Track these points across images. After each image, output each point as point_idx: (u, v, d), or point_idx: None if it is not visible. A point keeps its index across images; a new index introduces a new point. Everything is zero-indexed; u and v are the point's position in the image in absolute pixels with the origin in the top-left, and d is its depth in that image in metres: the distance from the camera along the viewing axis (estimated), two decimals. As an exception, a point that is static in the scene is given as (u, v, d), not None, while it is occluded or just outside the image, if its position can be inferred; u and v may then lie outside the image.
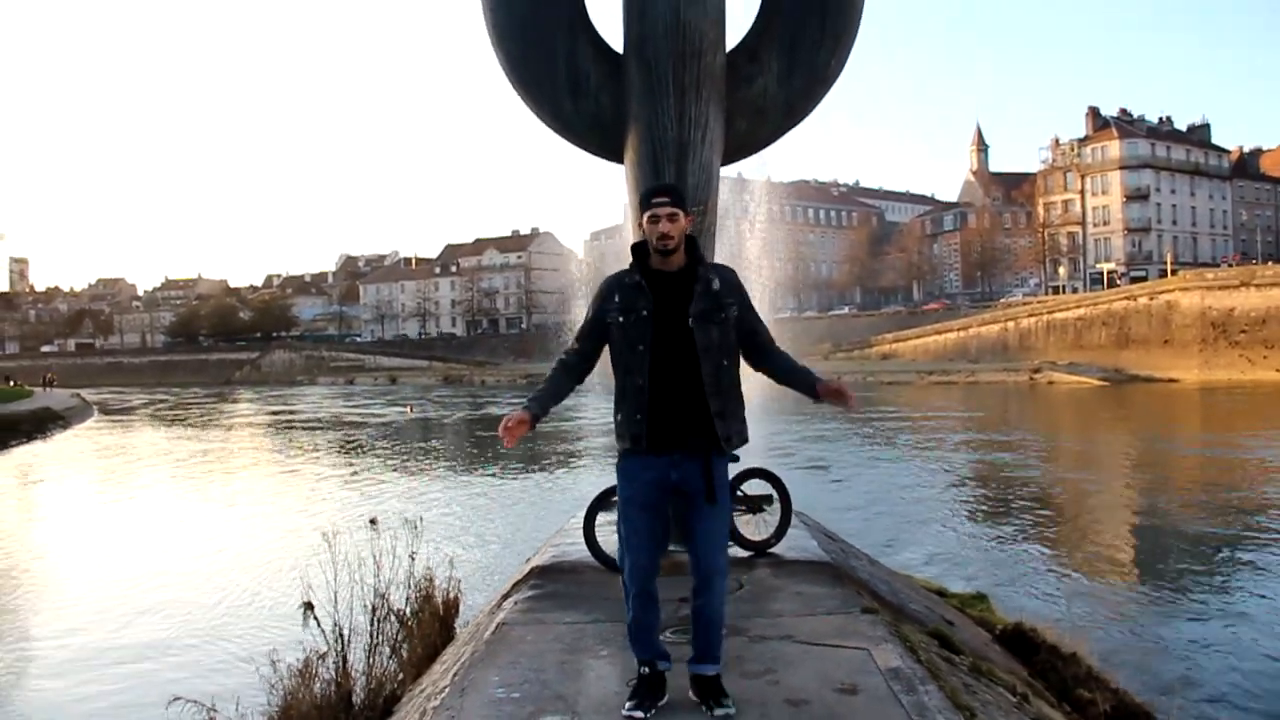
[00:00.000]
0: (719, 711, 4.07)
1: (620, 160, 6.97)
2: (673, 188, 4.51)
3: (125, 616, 12.33)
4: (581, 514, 7.05)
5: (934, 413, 44.10)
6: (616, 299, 4.23)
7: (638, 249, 4.32)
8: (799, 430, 34.12)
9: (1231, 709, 8.45)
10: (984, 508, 20.16)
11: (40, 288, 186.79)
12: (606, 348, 4.38)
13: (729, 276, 4.34)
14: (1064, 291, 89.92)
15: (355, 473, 27.92)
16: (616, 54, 6.92)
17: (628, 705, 4.11)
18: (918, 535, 16.89)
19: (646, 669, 4.21)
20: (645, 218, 4.21)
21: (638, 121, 6.59)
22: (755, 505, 6.91)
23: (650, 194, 4.29)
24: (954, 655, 5.54)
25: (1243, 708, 8.68)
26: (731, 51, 6.91)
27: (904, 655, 4.71)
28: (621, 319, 4.19)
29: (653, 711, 4.10)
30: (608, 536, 6.67)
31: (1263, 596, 12.67)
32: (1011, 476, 24.21)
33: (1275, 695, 9.13)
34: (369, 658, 6.55)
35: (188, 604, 12.80)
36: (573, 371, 4.41)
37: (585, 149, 7.20)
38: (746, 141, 7.12)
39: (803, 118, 7.15)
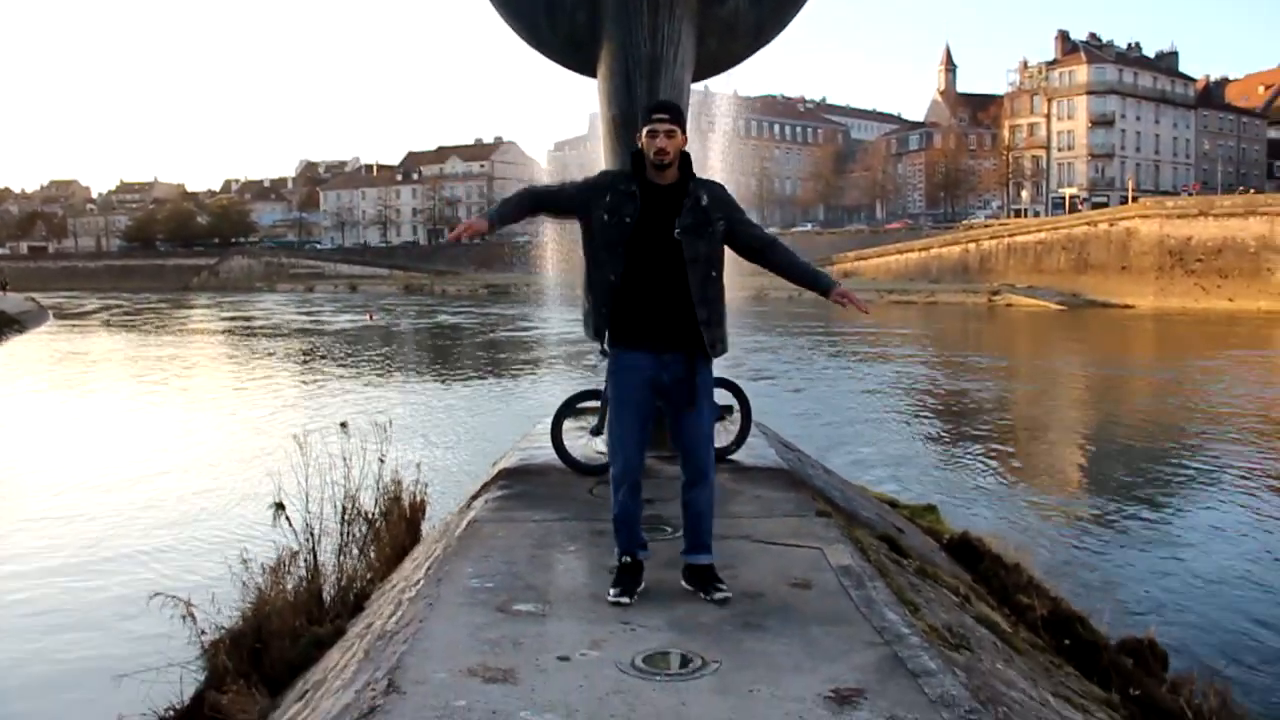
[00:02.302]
0: (716, 595, 4.32)
1: (593, 75, 7.09)
2: (673, 105, 4.62)
3: (97, 517, 12.51)
4: (548, 420, 7.25)
5: (892, 331, 44.59)
6: (607, 198, 4.41)
7: (636, 157, 4.48)
8: (752, 341, 34.49)
9: (1160, 619, 8.88)
10: (936, 424, 20.64)
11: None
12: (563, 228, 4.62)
13: (717, 191, 4.52)
14: (1026, 215, 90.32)
15: (317, 378, 28.01)
16: (592, -30, 7.00)
17: (612, 592, 4.36)
18: (868, 448, 17.36)
19: (628, 558, 4.46)
20: (644, 132, 4.37)
21: (611, 38, 6.70)
22: (717, 413, 7.13)
23: (651, 110, 4.47)
24: (901, 558, 5.84)
25: (1170, 619, 9.14)
26: (705, -31, 7.00)
27: (855, 555, 4.99)
28: (606, 217, 4.38)
29: (635, 596, 4.36)
30: (574, 441, 6.91)
31: (1197, 516, 13.25)
32: (964, 395, 24.72)
33: (1202, 607, 9.64)
34: (339, 557, 6.74)
35: (159, 506, 12.99)
36: (537, 199, 4.65)
37: (560, 64, 7.32)
38: (716, 59, 7.26)
39: (772, 38, 7.29)
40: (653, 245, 4.34)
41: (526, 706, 3.28)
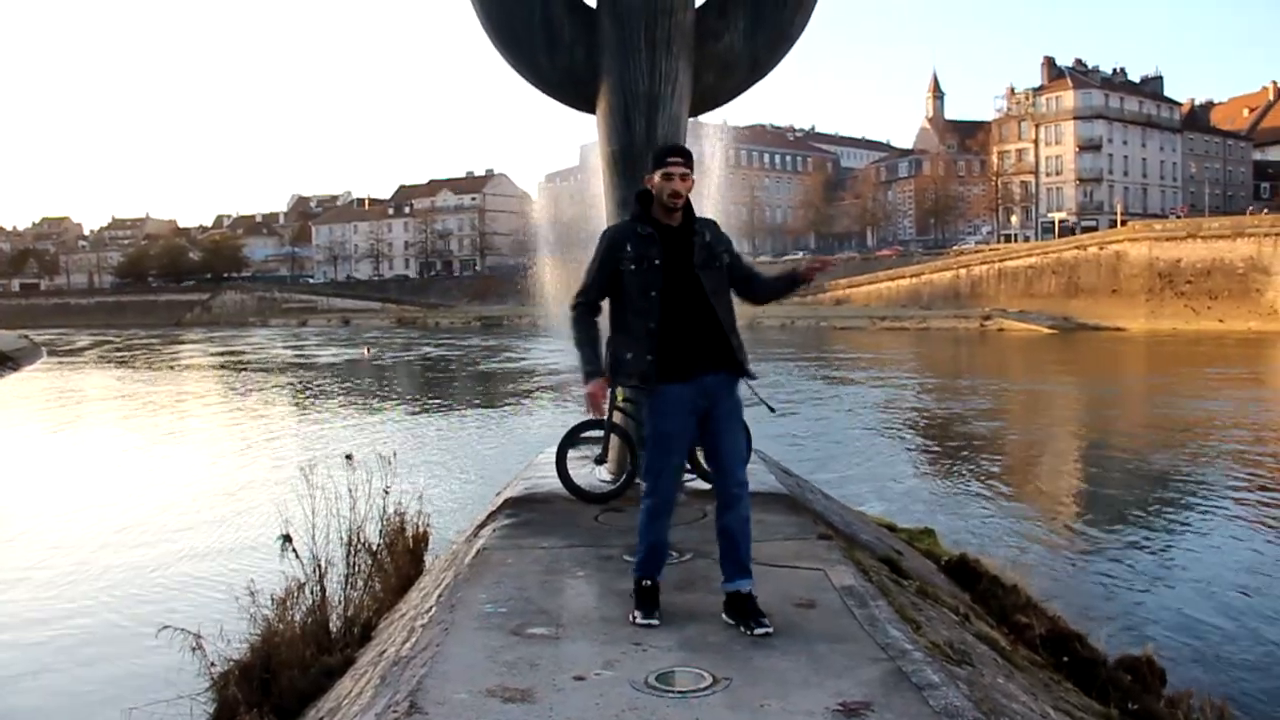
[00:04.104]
0: (759, 630, 4.29)
1: (592, 111, 7.25)
2: (686, 150, 4.74)
3: (102, 552, 12.48)
4: (549, 449, 7.38)
5: (885, 357, 44.77)
6: (629, 248, 4.56)
7: (643, 197, 4.63)
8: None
9: (1157, 638, 8.96)
10: (931, 448, 20.77)
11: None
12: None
13: (715, 229, 4.72)
14: (1016, 240, 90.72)
15: (316, 413, 28.06)
16: (590, 9, 7.19)
17: (639, 615, 4.47)
18: (862, 472, 17.46)
19: (648, 581, 4.58)
20: (659, 174, 4.51)
21: (610, 75, 6.87)
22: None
23: (666, 153, 4.60)
24: (902, 579, 5.96)
25: (1167, 636, 9.23)
26: (700, 8, 7.21)
27: (857, 575, 5.11)
28: (634, 266, 4.53)
29: (658, 615, 4.48)
30: (578, 469, 7.04)
31: (1191, 532, 13.36)
32: (957, 418, 24.82)
33: (1198, 623, 9.73)
34: (344, 588, 6.83)
35: (163, 540, 12.99)
36: (595, 314, 4.79)
37: (559, 100, 7.49)
38: (712, 95, 7.46)
39: (766, 73, 7.48)
40: (679, 283, 4.50)
41: (546, 724, 3.39)
